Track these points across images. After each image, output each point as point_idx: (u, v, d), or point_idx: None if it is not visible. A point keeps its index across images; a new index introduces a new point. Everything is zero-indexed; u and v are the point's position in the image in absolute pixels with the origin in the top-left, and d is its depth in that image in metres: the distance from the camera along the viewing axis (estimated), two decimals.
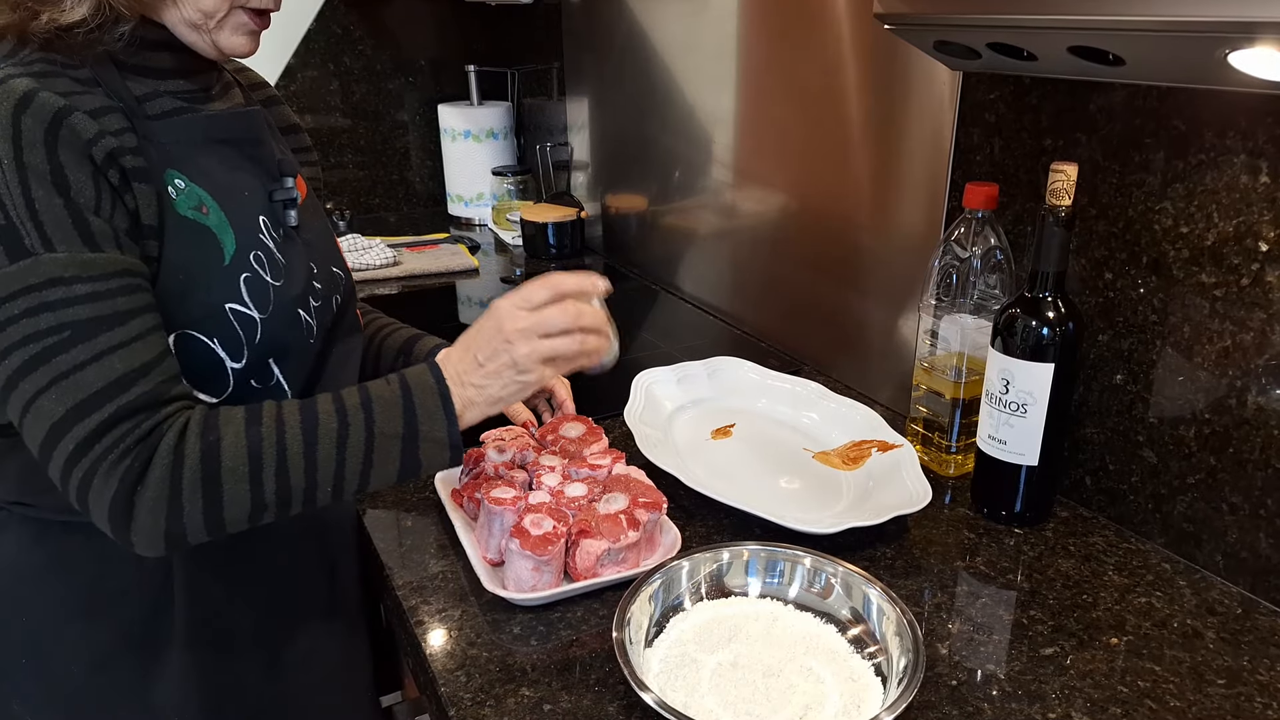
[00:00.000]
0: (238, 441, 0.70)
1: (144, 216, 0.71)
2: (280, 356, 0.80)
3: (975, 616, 0.82)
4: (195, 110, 0.79)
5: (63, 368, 0.65)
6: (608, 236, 1.98)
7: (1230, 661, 0.77)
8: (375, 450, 0.74)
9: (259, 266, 0.78)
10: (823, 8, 1.22)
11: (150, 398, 0.68)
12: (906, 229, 1.16)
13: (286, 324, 0.80)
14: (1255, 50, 0.64)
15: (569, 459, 0.94)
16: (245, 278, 0.77)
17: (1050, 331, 0.87)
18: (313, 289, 0.84)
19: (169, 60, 0.78)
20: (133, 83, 0.75)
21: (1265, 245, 0.79)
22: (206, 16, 0.75)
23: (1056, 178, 0.84)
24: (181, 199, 0.74)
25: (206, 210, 0.76)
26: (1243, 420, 0.83)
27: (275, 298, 0.79)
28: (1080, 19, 0.71)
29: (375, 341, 1.05)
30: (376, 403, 0.74)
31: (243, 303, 0.76)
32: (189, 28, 0.75)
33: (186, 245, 0.74)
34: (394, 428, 0.74)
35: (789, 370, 1.25)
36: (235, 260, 0.77)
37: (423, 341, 1.04)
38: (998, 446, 0.93)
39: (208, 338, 0.75)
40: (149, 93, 0.76)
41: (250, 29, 0.78)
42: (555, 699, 0.73)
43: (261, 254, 0.79)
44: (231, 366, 0.76)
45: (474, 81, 2.20)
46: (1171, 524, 0.91)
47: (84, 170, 0.67)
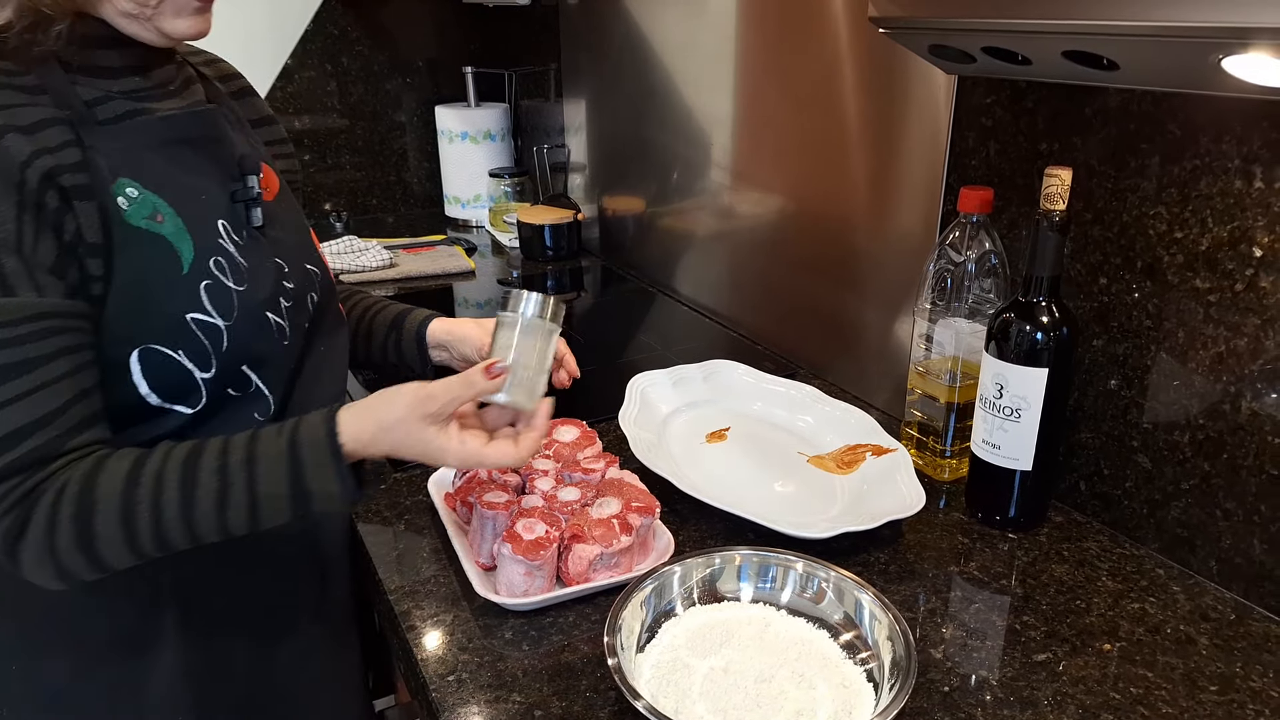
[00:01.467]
0: (111, 509, 0.68)
1: (87, 235, 0.69)
2: (255, 363, 0.79)
3: (968, 622, 0.82)
4: (149, 111, 0.76)
5: None
6: (604, 238, 1.98)
7: (1223, 668, 0.77)
8: (260, 508, 0.71)
9: (219, 272, 0.76)
10: (820, 10, 1.22)
11: (41, 452, 0.67)
12: (903, 232, 1.16)
13: (254, 329, 0.78)
14: (1249, 56, 0.64)
15: (562, 463, 0.94)
16: (206, 285, 0.75)
17: (1044, 336, 0.87)
18: (283, 289, 0.82)
19: (118, 58, 0.75)
20: (82, 86, 0.72)
21: (1259, 250, 0.79)
22: (141, 5, 0.71)
23: (1051, 182, 0.84)
24: (134, 209, 0.72)
25: (161, 218, 0.73)
26: (1237, 426, 0.83)
27: (239, 303, 0.77)
28: (1074, 24, 0.71)
29: (365, 320, 1.04)
30: (261, 461, 0.71)
31: (204, 311, 0.75)
32: (127, 19, 0.72)
33: (140, 257, 0.72)
34: (278, 488, 0.71)
35: (784, 374, 1.25)
36: (194, 268, 0.74)
37: (412, 315, 1.02)
38: (992, 451, 0.93)
39: (172, 350, 0.73)
40: (99, 96, 0.73)
41: (194, 7, 0.74)
42: (546, 704, 0.72)
43: (222, 259, 0.77)
44: (201, 377, 0.75)
45: (471, 83, 2.20)
46: (1166, 529, 0.91)
47: (8, 200, 0.65)
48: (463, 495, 0.91)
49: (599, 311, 1.75)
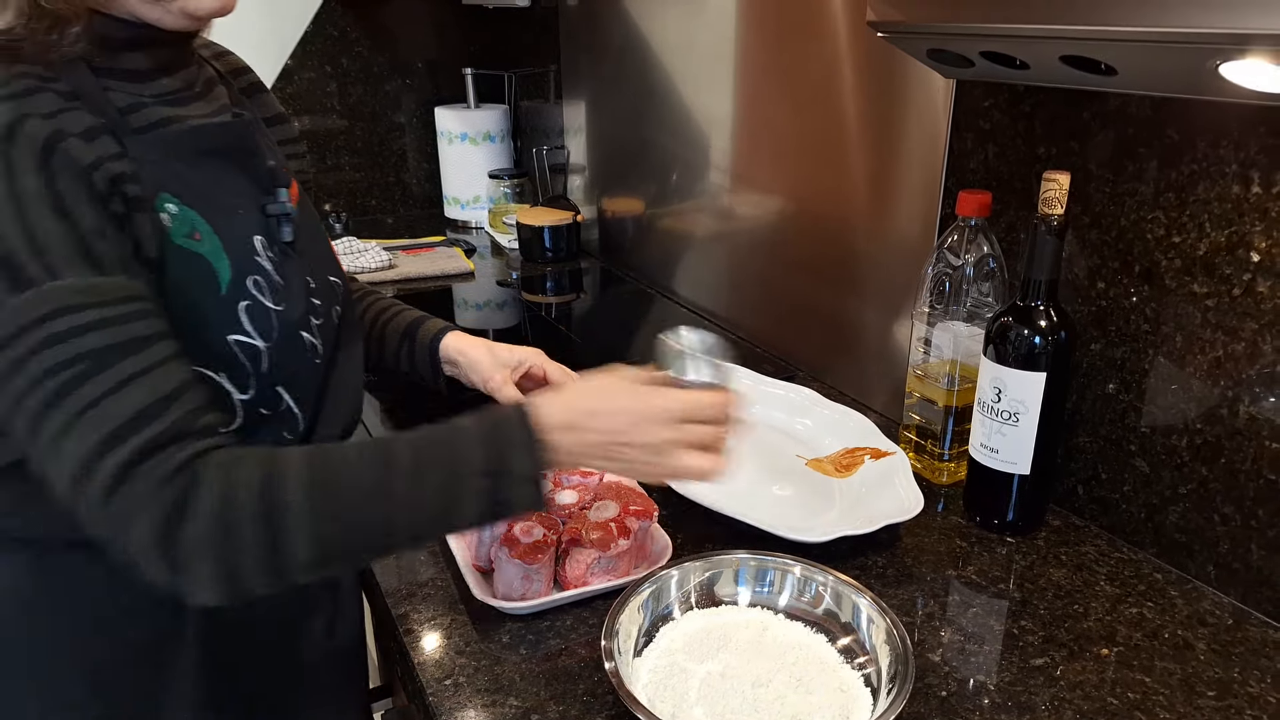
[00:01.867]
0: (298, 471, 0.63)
1: (145, 249, 0.66)
2: (288, 382, 0.76)
3: (966, 626, 0.82)
4: (180, 119, 0.73)
5: (84, 400, 0.59)
6: (604, 240, 1.98)
7: (1221, 673, 0.77)
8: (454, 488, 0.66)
9: (258, 292, 0.73)
10: (820, 12, 1.22)
11: (179, 427, 0.61)
12: (902, 235, 1.16)
13: (292, 349, 0.75)
14: (1246, 61, 0.64)
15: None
16: (245, 305, 0.72)
17: (1042, 340, 0.87)
18: (312, 307, 0.79)
19: (145, 59, 0.71)
20: (114, 93, 0.69)
21: (1257, 256, 0.79)
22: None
23: (1049, 186, 0.84)
24: (175, 226, 0.69)
25: (199, 236, 0.70)
26: (1235, 430, 0.83)
27: (279, 324, 0.74)
28: (1072, 29, 0.71)
29: (378, 325, 1.01)
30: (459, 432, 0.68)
31: (245, 332, 0.71)
32: (148, 4, 0.67)
33: (182, 277, 0.69)
34: (475, 464, 0.66)
35: (783, 376, 1.25)
36: (232, 288, 0.71)
37: (426, 326, 1.00)
38: (990, 455, 0.93)
39: (213, 373, 0.70)
40: (133, 103, 0.69)
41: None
42: (543, 708, 0.72)
43: (260, 278, 0.73)
44: (239, 399, 0.72)
45: (471, 84, 2.20)
46: (1164, 534, 0.91)
47: (83, 195, 0.62)
48: None
49: (598, 313, 1.75)
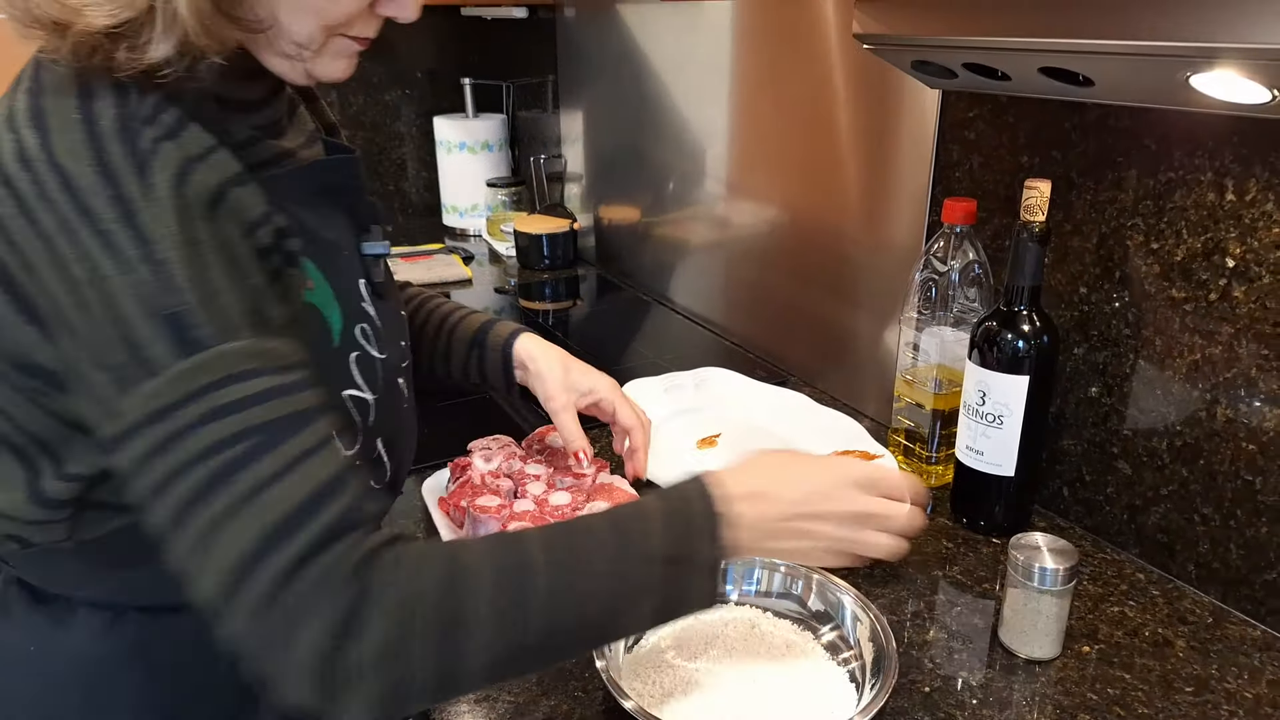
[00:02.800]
0: (483, 573, 0.56)
1: (294, 306, 0.61)
2: (385, 435, 0.71)
3: (951, 625, 0.84)
4: (289, 155, 0.66)
5: (249, 485, 0.51)
6: (600, 248, 2.00)
7: (1199, 670, 0.78)
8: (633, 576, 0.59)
9: (365, 341, 0.68)
10: (813, 25, 1.24)
11: (350, 519, 0.54)
12: (892, 243, 1.18)
13: (392, 400, 0.71)
14: (1216, 73, 0.66)
15: (554, 468, 0.96)
16: (355, 357, 0.67)
17: (1025, 344, 0.89)
18: (405, 351, 0.74)
19: (255, 89, 0.65)
20: (232, 125, 0.61)
21: (1232, 261, 0.81)
22: (301, 47, 0.62)
23: (1030, 194, 0.86)
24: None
25: (312, 284, 0.65)
26: (1213, 432, 0.85)
27: (383, 373, 0.69)
28: (1049, 41, 0.73)
29: (443, 335, 0.94)
30: (634, 520, 0.61)
31: (356, 386, 0.67)
32: (281, 59, 0.63)
33: (305, 332, 0.63)
34: (657, 547, 0.60)
35: (776, 381, 1.27)
36: (344, 338, 0.66)
37: (497, 328, 0.93)
38: (975, 457, 0.95)
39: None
40: (247, 137, 0.63)
41: (352, 51, 0.66)
42: (534, 704, 0.74)
43: (366, 326, 0.69)
44: (345, 455, 0.63)
45: (469, 94, 2.22)
46: (1146, 534, 0.93)
47: (251, 249, 0.57)
48: (456, 500, 0.93)
49: (594, 320, 1.77)
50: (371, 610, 0.52)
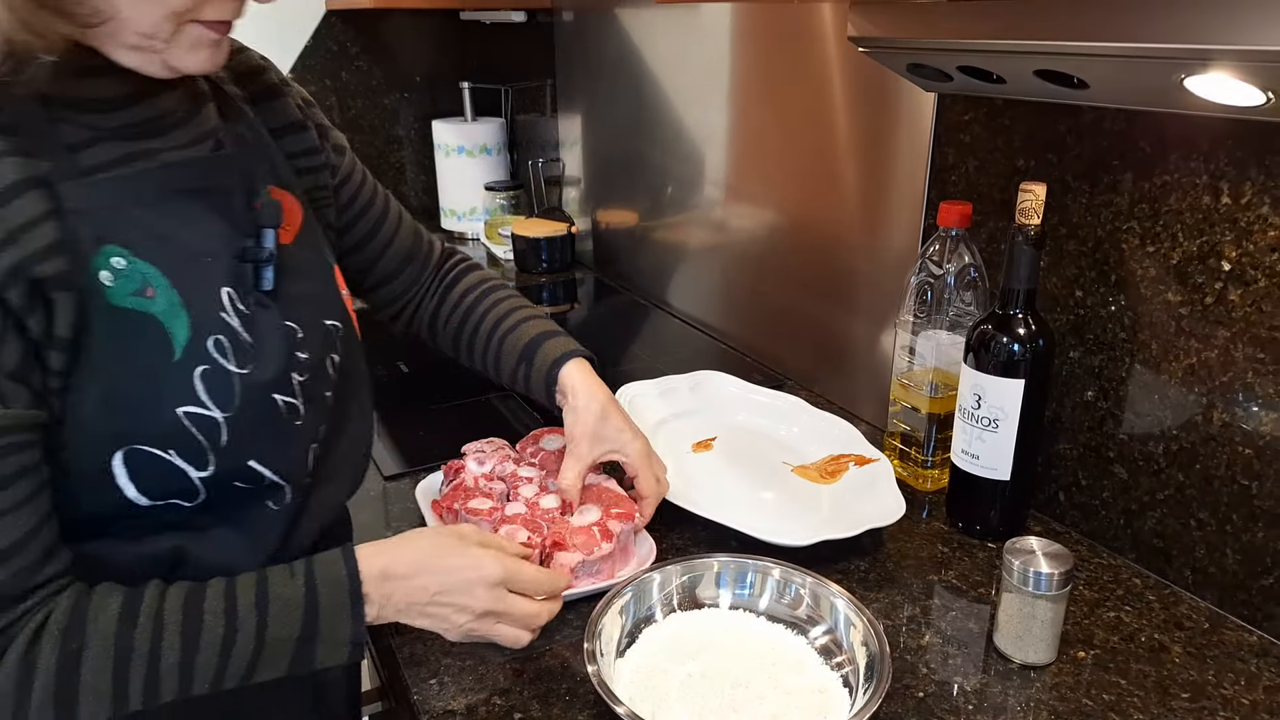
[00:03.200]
0: (104, 652, 0.59)
1: (57, 328, 0.58)
2: (263, 456, 0.68)
3: (946, 629, 0.83)
4: (148, 155, 0.64)
5: None
6: (598, 251, 2.00)
7: (1195, 675, 0.78)
8: (263, 655, 0.64)
9: (219, 355, 0.64)
10: (811, 29, 1.24)
11: (6, 590, 0.58)
12: (888, 246, 1.18)
13: (259, 418, 0.67)
14: (1209, 75, 0.66)
15: (547, 472, 0.95)
16: (201, 371, 0.63)
17: (1021, 348, 0.89)
18: (295, 362, 0.70)
19: (114, 86, 0.63)
20: (67, 126, 0.60)
21: (1228, 265, 0.80)
22: (148, 38, 0.59)
23: (1025, 197, 0.85)
24: (120, 284, 0.61)
25: (153, 292, 0.62)
26: (1209, 437, 0.84)
27: (242, 389, 0.65)
28: (1043, 44, 0.73)
29: (495, 337, 0.93)
30: (274, 604, 0.64)
31: (199, 403, 0.63)
32: (131, 52, 0.60)
33: (123, 345, 0.61)
34: (288, 632, 0.64)
35: (772, 385, 1.27)
36: (188, 351, 0.63)
37: (546, 347, 0.91)
38: (971, 461, 0.94)
39: (161, 450, 0.63)
40: (87, 138, 0.61)
41: (210, 40, 0.63)
42: (527, 708, 0.74)
43: (224, 338, 0.65)
44: (198, 477, 0.65)
45: (468, 98, 2.22)
46: (1142, 539, 0.92)
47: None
48: (449, 502, 0.93)
49: (592, 323, 1.77)
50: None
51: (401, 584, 0.68)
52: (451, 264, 1.02)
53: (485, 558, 0.71)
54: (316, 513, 0.76)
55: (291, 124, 0.81)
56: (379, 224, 0.94)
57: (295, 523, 0.74)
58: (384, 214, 0.95)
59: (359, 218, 0.92)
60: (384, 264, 0.95)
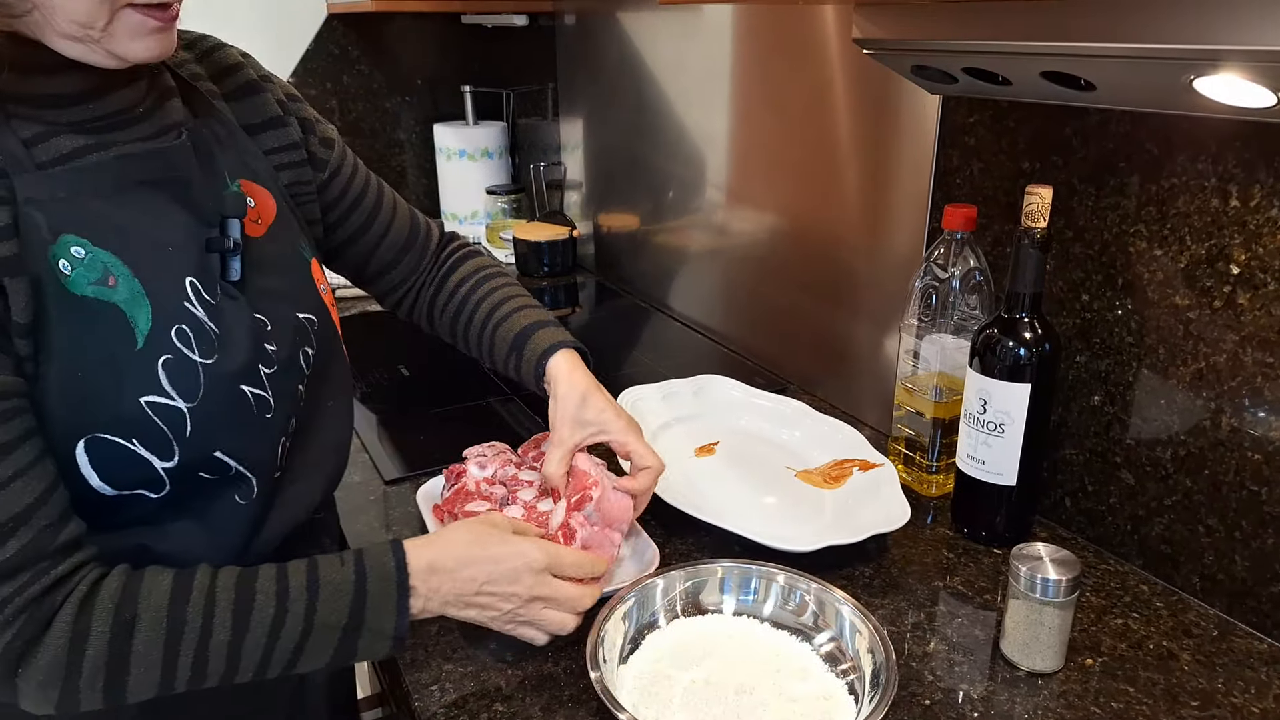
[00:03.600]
0: (156, 624, 0.60)
1: (15, 313, 0.59)
2: (229, 446, 0.68)
3: (952, 636, 0.83)
4: (104, 146, 0.65)
5: None
6: (599, 255, 1.99)
7: (1205, 683, 0.77)
8: (310, 640, 0.65)
9: (183, 344, 0.64)
10: (813, 32, 1.24)
11: (31, 551, 0.58)
12: (892, 249, 1.17)
13: (225, 409, 0.67)
14: (1219, 76, 0.65)
15: None
16: (164, 361, 0.63)
17: (1027, 352, 0.88)
18: (264, 354, 0.70)
19: (69, 83, 0.63)
20: (19, 120, 0.61)
21: (1236, 268, 0.80)
22: (84, 26, 0.59)
23: (1031, 200, 0.85)
24: (79, 273, 0.61)
25: (114, 281, 0.62)
26: (1218, 442, 0.84)
27: (206, 380, 0.65)
28: (1050, 45, 0.73)
29: (487, 329, 0.93)
30: (324, 588, 0.65)
31: (162, 392, 0.63)
32: (70, 41, 0.60)
33: (84, 333, 0.61)
34: (336, 617, 0.65)
35: (774, 389, 1.26)
36: (151, 341, 0.63)
37: (536, 338, 0.90)
38: (976, 466, 0.93)
39: (124, 439, 0.63)
40: (41, 132, 0.62)
41: (152, 27, 0.62)
42: (529, 715, 0.73)
43: (186, 328, 0.65)
44: (162, 467, 0.65)
45: (469, 101, 2.22)
46: (1149, 545, 0.91)
47: None
48: (450, 507, 0.92)
49: (593, 327, 1.76)
50: (44, 648, 0.58)
51: (448, 576, 0.70)
52: (450, 250, 1.01)
53: (527, 544, 0.73)
54: (286, 510, 0.76)
55: (270, 119, 0.81)
56: (373, 215, 0.93)
57: (263, 519, 0.74)
58: (377, 205, 0.94)
59: (351, 210, 0.91)
60: (381, 254, 0.95)
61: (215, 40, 0.81)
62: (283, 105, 0.82)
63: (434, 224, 1.01)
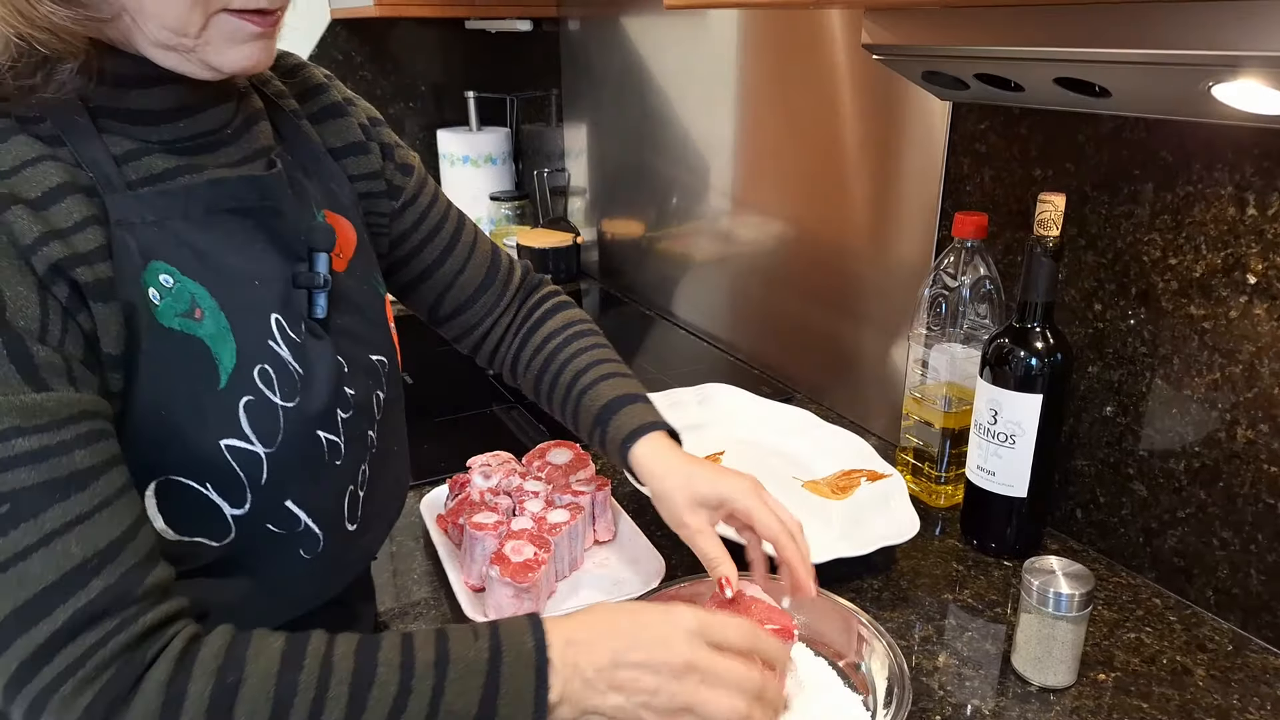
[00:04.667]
0: (263, 692, 0.53)
1: (105, 344, 0.55)
2: (299, 496, 0.63)
3: (962, 650, 0.81)
4: (195, 169, 0.61)
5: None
6: (603, 262, 1.99)
7: (1220, 700, 0.76)
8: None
9: (265, 386, 0.60)
10: (820, 37, 1.23)
11: (119, 594, 0.51)
12: (900, 258, 1.16)
13: (303, 455, 0.62)
14: (1238, 83, 0.64)
15: (553, 486, 0.93)
16: (246, 402, 0.59)
17: (1038, 362, 0.87)
18: (342, 398, 0.65)
19: (160, 99, 0.59)
20: (111, 136, 0.57)
21: (1253, 278, 0.79)
22: (177, 33, 0.55)
23: (1044, 208, 0.84)
24: (167, 303, 0.57)
25: (201, 314, 0.58)
26: (1233, 454, 0.82)
27: (286, 424, 0.61)
28: (1065, 51, 0.72)
29: (572, 396, 0.84)
30: (454, 666, 0.56)
31: (241, 436, 0.59)
32: (164, 50, 0.56)
33: (169, 369, 0.57)
34: (465, 704, 0.56)
35: (781, 398, 1.25)
36: (234, 380, 0.59)
37: (619, 419, 0.81)
38: (986, 477, 0.92)
39: (197, 483, 0.58)
40: (132, 149, 0.58)
41: (250, 33, 0.58)
42: None
43: (269, 368, 0.61)
44: (232, 514, 0.60)
45: (473, 107, 2.21)
46: (1162, 558, 0.90)
47: (25, 281, 0.51)
48: (454, 516, 0.91)
49: None
50: (138, 697, 0.50)
51: (586, 648, 0.59)
52: (538, 300, 0.91)
53: (676, 608, 0.62)
54: (350, 566, 0.72)
55: (352, 145, 0.76)
56: (448, 250, 0.85)
57: (326, 574, 0.68)
58: (454, 238, 0.85)
59: (425, 244, 0.83)
60: (454, 294, 0.86)
61: (297, 57, 0.77)
62: (365, 130, 0.77)
63: (518, 263, 0.92)
